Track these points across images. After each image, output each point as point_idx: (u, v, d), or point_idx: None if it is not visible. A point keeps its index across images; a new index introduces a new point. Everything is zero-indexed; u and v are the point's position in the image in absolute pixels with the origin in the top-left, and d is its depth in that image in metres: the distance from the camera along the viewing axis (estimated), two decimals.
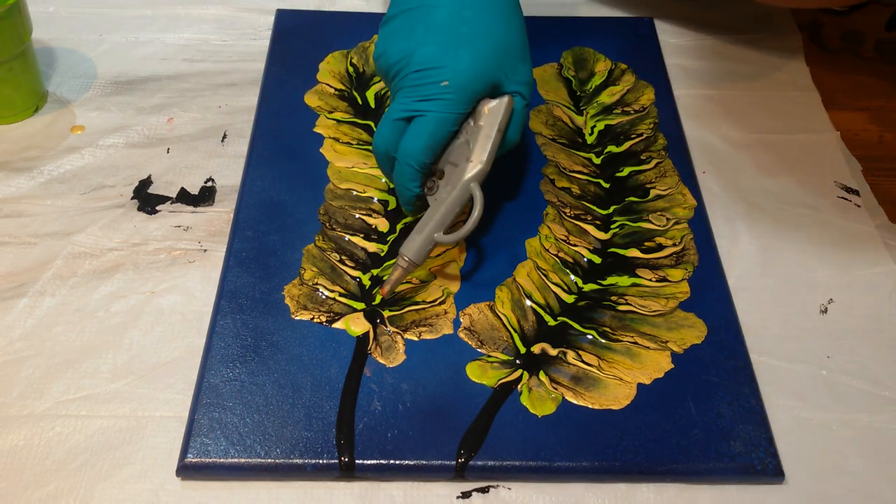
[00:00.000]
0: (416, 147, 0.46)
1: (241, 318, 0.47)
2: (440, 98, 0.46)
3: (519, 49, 0.48)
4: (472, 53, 0.46)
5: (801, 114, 0.62)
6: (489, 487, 0.42)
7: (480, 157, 0.46)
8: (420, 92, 0.46)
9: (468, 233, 0.45)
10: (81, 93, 0.61)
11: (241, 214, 0.53)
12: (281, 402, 0.44)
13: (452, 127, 0.46)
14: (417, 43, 0.47)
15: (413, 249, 0.46)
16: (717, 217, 0.54)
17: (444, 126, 0.46)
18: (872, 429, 0.45)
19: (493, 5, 0.48)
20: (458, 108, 0.46)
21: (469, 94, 0.46)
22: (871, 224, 0.55)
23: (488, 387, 0.45)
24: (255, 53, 0.65)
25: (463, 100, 0.46)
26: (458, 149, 0.47)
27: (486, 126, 0.47)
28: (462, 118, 0.47)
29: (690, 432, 0.43)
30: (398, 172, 0.47)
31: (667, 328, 0.48)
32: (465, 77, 0.46)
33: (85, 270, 0.50)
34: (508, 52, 0.48)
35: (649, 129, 0.59)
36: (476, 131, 0.47)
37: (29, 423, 0.44)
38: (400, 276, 0.46)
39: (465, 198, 0.46)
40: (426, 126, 0.46)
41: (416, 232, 0.46)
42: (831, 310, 0.50)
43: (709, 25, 0.69)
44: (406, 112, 0.46)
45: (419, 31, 0.47)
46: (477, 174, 0.46)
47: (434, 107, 0.46)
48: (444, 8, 0.47)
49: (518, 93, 0.48)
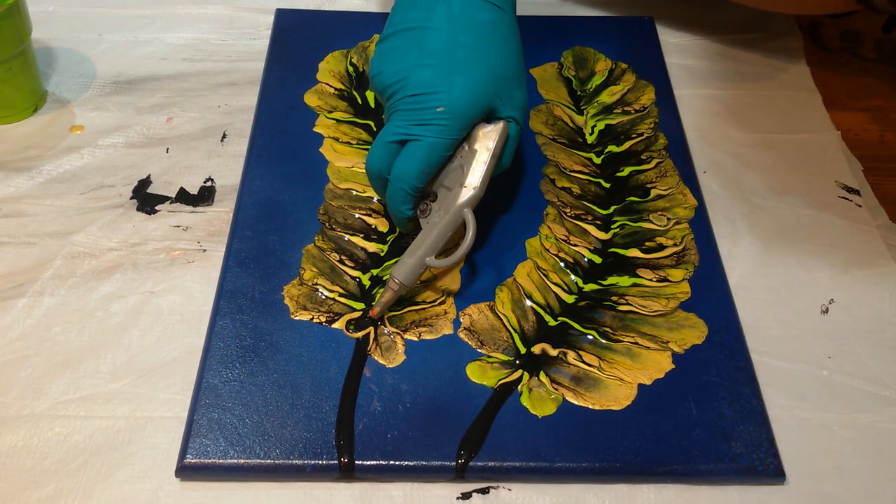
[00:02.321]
0: (410, 171, 0.46)
1: (241, 318, 0.47)
2: (435, 123, 0.45)
3: (514, 74, 0.48)
4: (467, 79, 0.46)
5: (801, 114, 0.62)
6: (489, 488, 0.42)
7: (474, 183, 0.46)
8: (415, 116, 0.46)
9: (460, 259, 0.45)
10: (81, 92, 0.61)
11: (241, 214, 0.52)
12: (280, 402, 0.44)
13: (446, 152, 0.46)
14: (413, 66, 0.47)
15: (404, 273, 0.46)
16: (717, 217, 0.54)
17: (438, 151, 0.46)
18: (873, 429, 0.45)
19: (489, 30, 0.48)
20: (453, 134, 0.46)
21: (464, 120, 0.46)
22: (871, 224, 0.55)
23: (488, 387, 0.45)
24: (255, 53, 0.65)
25: (458, 126, 0.46)
26: (453, 173, 0.47)
27: (480, 151, 0.47)
28: (457, 143, 0.47)
29: (691, 433, 0.43)
30: (391, 194, 0.47)
31: (667, 328, 0.48)
32: (460, 103, 0.46)
33: (84, 270, 0.50)
34: (504, 78, 0.48)
35: (650, 128, 0.59)
36: (470, 156, 0.47)
37: (28, 424, 0.43)
38: (390, 298, 0.47)
39: (457, 223, 0.46)
40: (420, 150, 0.46)
41: (407, 255, 0.47)
42: (832, 310, 0.50)
43: (709, 25, 0.69)
44: (400, 136, 0.46)
45: (415, 54, 0.47)
46: (470, 200, 0.46)
47: (429, 132, 0.45)
48: (440, 31, 0.47)
49: (513, 118, 0.48)
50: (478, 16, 0.48)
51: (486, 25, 0.48)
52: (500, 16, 0.49)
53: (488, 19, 0.48)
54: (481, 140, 0.47)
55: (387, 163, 0.47)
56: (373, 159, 0.47)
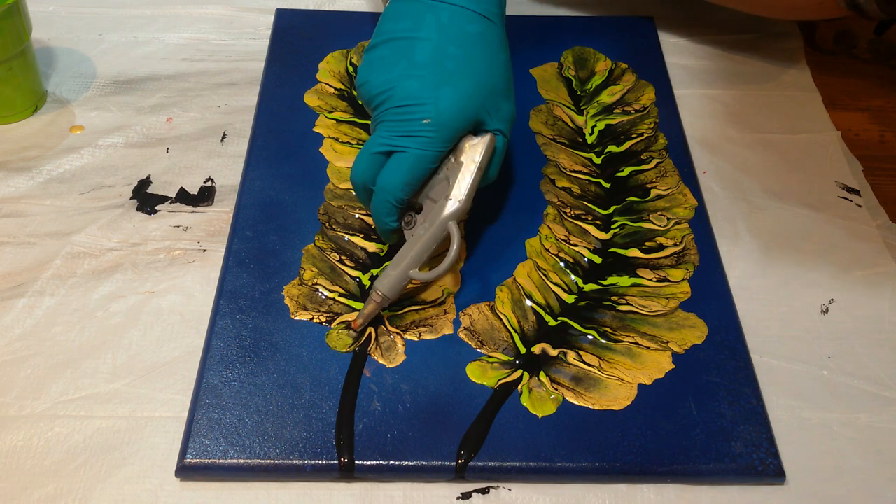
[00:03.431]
0: (395, 183, 0.45)
1: (241, 318, 0.47)
2: (421, 135, 0.45)
3: (503, 87, 0.48)
4: (455, 91, 0.46)
5: (801, 114, 0.62)
6: (489, 488, 0.42)
7: (460, 195, 0.46)
8: (401, 128, 0.46)
9: (445, 271, 0.45)
10: (81, 92, 0.61)
11: (241, 214, 0.52)
12: (280, 402, 0.44)
13: (432, 164, 0.46)
14: (400, 76, 0.46)
15: (388, 285, 0.46)
16: (717, 217, 0.54)
17: (423, 163, 0.46)
18: (873, 429, 0.45)
19: (479, 41, 0.48)
20: (439, 146, 0.46)
21: (450, 133, 0.46)
22: (871, 224, 0.54)
23: (488, 387, 0.45)
24: (255, 53, 0.65)
25: (444, 138, 0.46)
26: (438, 185, 0.47)
27: (466, 163, 0.46)
28: (442, 156, 0.46)
29: (691, 433, 0.43)
30: (375, 206, 0.47)
31: (667, 328, 0.48)
32: (447, 115, 0.45)
33: (84, 270, 0.50)
34: (492, 90, 0.47)
35: (650, 128, 0.59)
36: (456, 168, 0.46)
37: (28, 424, 0.43)
38: (373, 310, 0.46)
39: (442, 236, 0.46)
40: (405, 162, 0.45)
41: (391, 267, 0.46)
42: (832, 310, 0.50)
43: (709, 25, 0.69)
44: (385, 147, 0.46)
45: (403, 65, 0.47)
46: (455, 212, 0.46)
47: (414, 143, 0.45)
48: (429, 42, 0.47)
49: (500, 130, 0.48)
50: (467, 27, 0.48)
51: (475, 37, 0.47)
52: (490, 28, 0.48)
53: (477, 31, 0.48)
54: (468, 152, 0.47)
55: (372, 174, 0.46)
56: (358, 170, 0.47)
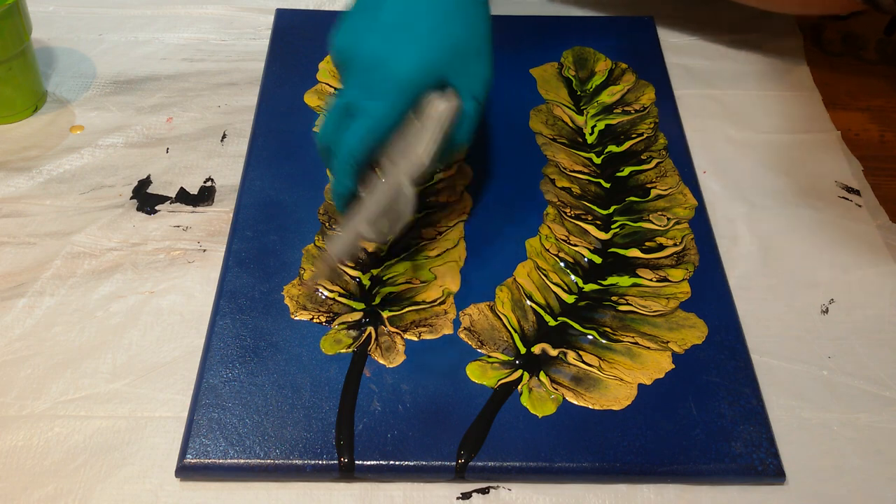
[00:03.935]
0: (353, 142, 0.44)
1: (241, 318, 0.47)
2: (380, 93, 0.44)
3: (474, 46, 0.46)
4: (418, 49, 0.44)
5: (801, 114, 0.62)
6: (489, 488, 0.42)
7: (418, 155, 0.44)
8: (362, 86, 0.45)
9: (396, 231, 0.43)
10: (81, 92, 0.61)
11: (241, 214, 0.52)
12: (280, 402, 0.44)
13: (392, 123, 0.44)
14: (364, 36, 0.45)
15: (337, 244, 0.45)
16: (717, 217, 0.54)
17: (382, 122, 0.44)
18: (873, 429, 0.45)
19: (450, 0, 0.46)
20: (399, 106, 0.44)
21: (409, 92, 0.44)
22: (871, 224, 0.54)
23: (488, 387, 0.45)
24: (255, 53, 0.65)
25: (404, 97, 0.44)
26: (399, 145, 0.45)
27: (428, 124, 0.45)
28: (402, 115, 0.45)
29: (691, 433, 0.43)
30: (335, 167, 0.46)
31: (667, 328, 0.48)
32: (406, 73, 0.44)
33: (84, 270, 0.50)
34: (462, 50, 0.46)
35: (650, 128, 0.59)
36: (418, 129, 0.45)
37: (28, 424, 0.43)
38: (322, 268, 0.45)
39: (395, 194, 0.45)
40: (365, 122, 0.44)
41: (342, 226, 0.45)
42: (832, 310, 0.50)
43: (710, 25, 0.69)
44: (346, 106, 0.45)
45: (368, 24, 0.46)
46: (410, 171, 0.44)
47: (374, 103, 0.44)
48: (398, 2, 0.46)
49: (471, 93, 0.46)
50: None
51: None
52: None
53: None
54: (428, 113, 0.45)
55: (335, 134, 0.45)
56: (322, 131, 0.46)
